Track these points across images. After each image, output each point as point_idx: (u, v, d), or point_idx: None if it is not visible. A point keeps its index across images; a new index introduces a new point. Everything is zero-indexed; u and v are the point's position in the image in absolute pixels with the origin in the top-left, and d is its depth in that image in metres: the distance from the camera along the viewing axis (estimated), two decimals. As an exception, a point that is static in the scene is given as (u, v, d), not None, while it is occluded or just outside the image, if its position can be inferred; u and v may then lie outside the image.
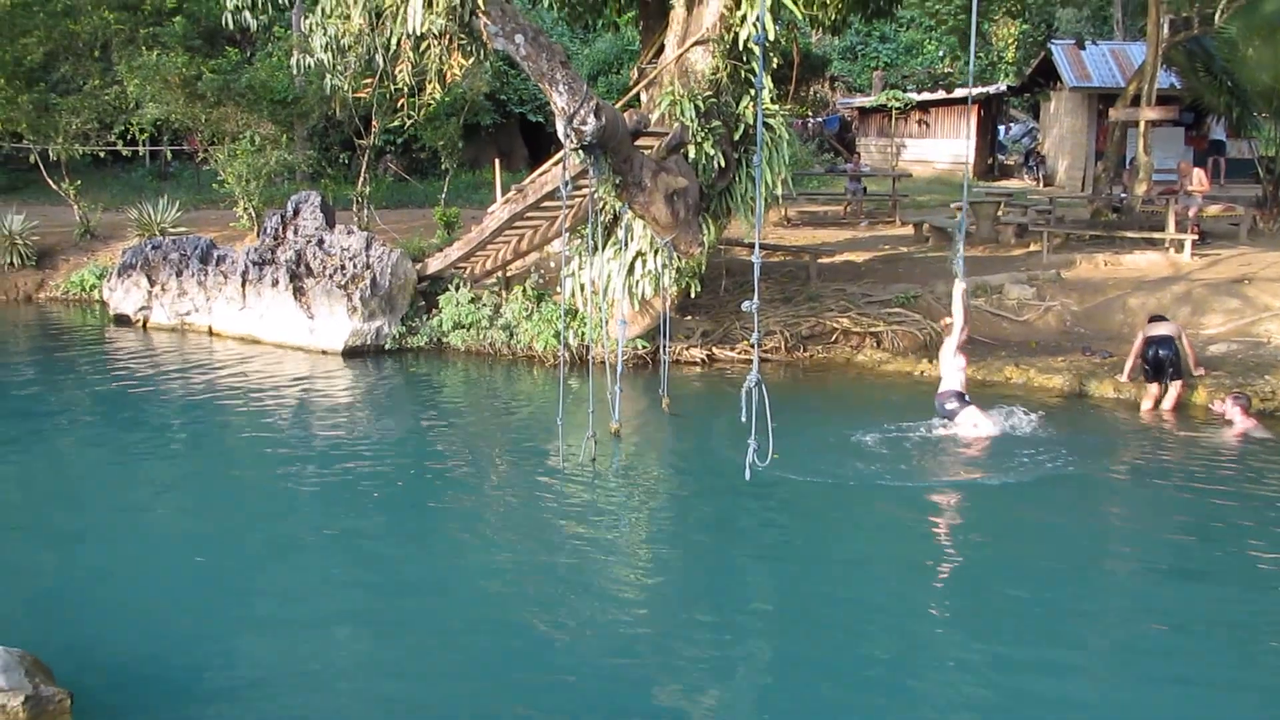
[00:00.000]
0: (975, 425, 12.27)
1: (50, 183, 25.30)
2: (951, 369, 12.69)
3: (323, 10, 12.40)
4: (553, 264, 17.74)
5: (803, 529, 10.04)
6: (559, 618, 8.06)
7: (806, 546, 9.63)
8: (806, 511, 10.36)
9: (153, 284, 19.69)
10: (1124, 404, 13.74)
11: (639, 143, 12.29)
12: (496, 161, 21.41)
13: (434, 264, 17.69)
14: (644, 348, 15.72)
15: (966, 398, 12.53)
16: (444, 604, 8.40)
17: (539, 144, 35.26)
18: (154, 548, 9.67)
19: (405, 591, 8.67)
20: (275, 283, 17.66)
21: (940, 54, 41.89)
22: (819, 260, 19.04)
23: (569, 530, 9.87)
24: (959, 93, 36.21)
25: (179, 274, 19.37)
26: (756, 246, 7.50)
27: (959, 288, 12.50)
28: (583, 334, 15.42)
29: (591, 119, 10.35)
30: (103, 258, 23.38)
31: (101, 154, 26.31)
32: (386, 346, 17.03)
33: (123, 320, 19.94)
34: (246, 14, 14.90)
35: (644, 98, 15.10)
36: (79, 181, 25.53)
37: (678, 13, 14.39)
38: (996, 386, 14.43)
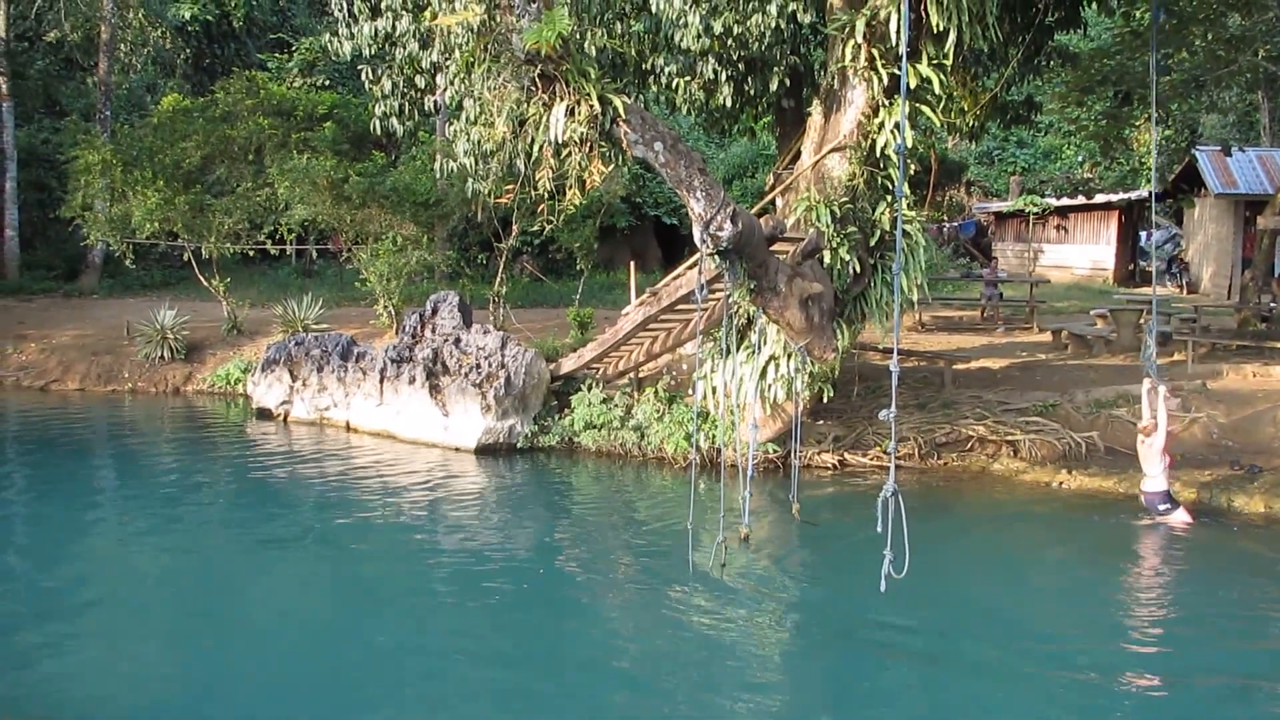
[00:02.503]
0: (1183, 526, 12.84)
1: (202, 279, 26.27)
2: (1156, 469, 12.95)
3: (467, 118, 12.75)
4: (685, 366, 17.77)
5: (939, 645, 9.76)
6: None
7: (941, 664, 9.34)
8: (943, 627, 10.08)
9: (294, 379, 20.22)
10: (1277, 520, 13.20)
11: (774, 248, 12.29)
12: (631, 264, 21.64)
13: (567, 364, 17.86)
14: (775, 452, 15.60)
15: (1171, 494, 13.06)
16: (572, 703, 8.33)
17: (673, 246, 35.64)
18: (281, 640, 9.83)
19: (527, 693, 8.62)
20: (412, 380, 17.99)
21: (1079, 159, 41.43)
22: (954, 366, 18.77)
23: (696, 636, 9.75)
24: (1100, 198, 35.76)
25: (320, 370, 19.85)
26: (894, 355, 7.40)
27: (1146, 387, 13.28)
28: (714, 437, 15.37)
29: (728, 225, 10.39)
30: (248, 352, 24.10)
31: (250, 252, 27.25)
32: (519, 445, 17.18)
33: (264, 414, 20.45)
34: (394, 120, 15.47)
35: (779, 203, 15.16)
36: (228, 279, 26.46)
37: (815, 119, 14.49)
38: (1139, 499, 13.99)
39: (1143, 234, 38.22)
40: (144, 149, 25.46)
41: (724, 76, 15.50)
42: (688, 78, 15.84)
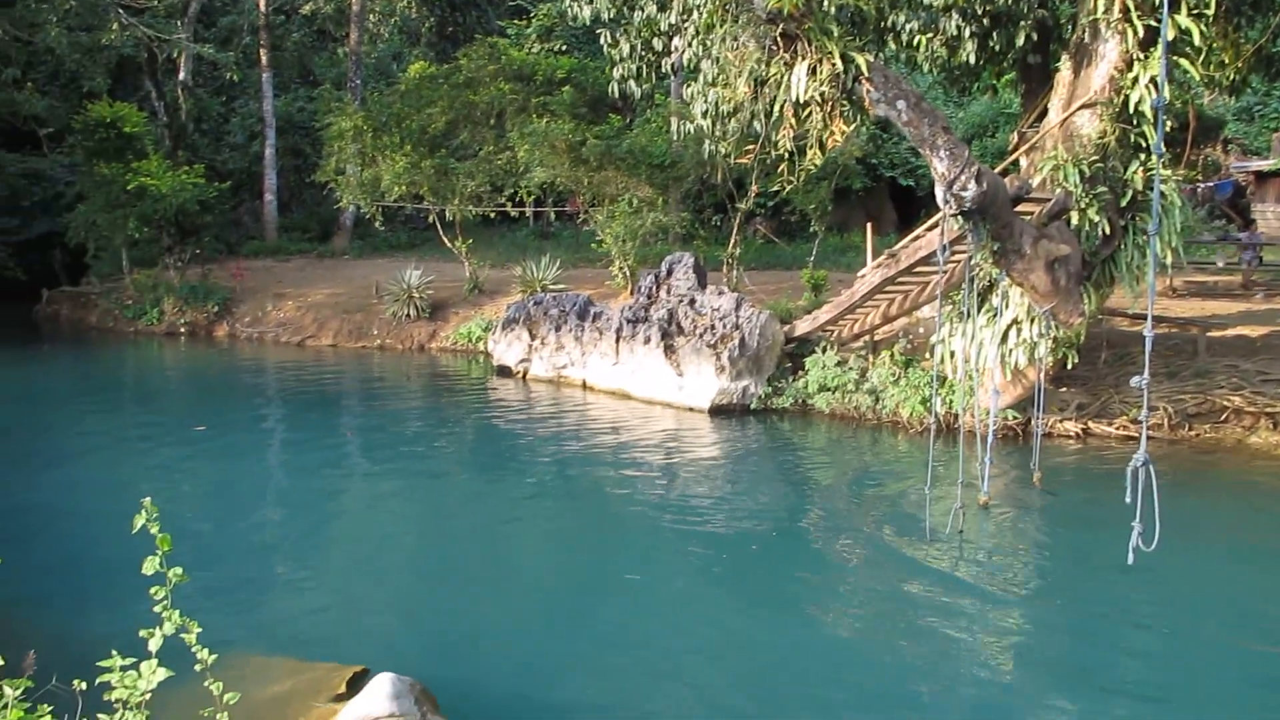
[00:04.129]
0: None
1: (445, 241, 27.21)
2: None
3: (705, 79, 12.77)
4: (922, 330, 17.48)
5: (1190, 624, 9.35)
6: (915, 691, 7.84)
7: (1191, 642, 8.96)
8: (1195, 604, 9.67)
9: (533, 338, 20.75)
10: None
11: (1019, 208, 11.97)
12: (868, 225, 21.33)
13: (802, 326, 17.79)
14: (1014, 418, 15.22)
15: None
16: (800, 664, 8.34)
17: (908, 208, 34.95)
18: (526, 586, 10.18)
19: (752, 649, 8.65)
20: (647, 340, 18.23)
21: (1350, 114, 38.75)
22: (1208, 334, 17.87)
23: (931, 603, 9.60)
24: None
25: (558, 329, 20.32)
26: (1149, 320, 7.10)
27: None
28: (951, 402, 15.10)
29: (972, 185, 10.17)
30: (488, 311, 24.85)
31: (491, 214, 27.99)
32: (752, 406, 17.23)
33: (504, 371, 21.08)
34: (631, 83, 15.57)
35: (1024, 162, 14.71)
36: (470, 240, 27.28)
37: (1063, 75, 13.96)
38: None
39: None
40: (392, 115, 26.43)
41: (967, 32, 15.05)
42: (929, 34, 15.46)
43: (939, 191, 10.41)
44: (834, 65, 10.37)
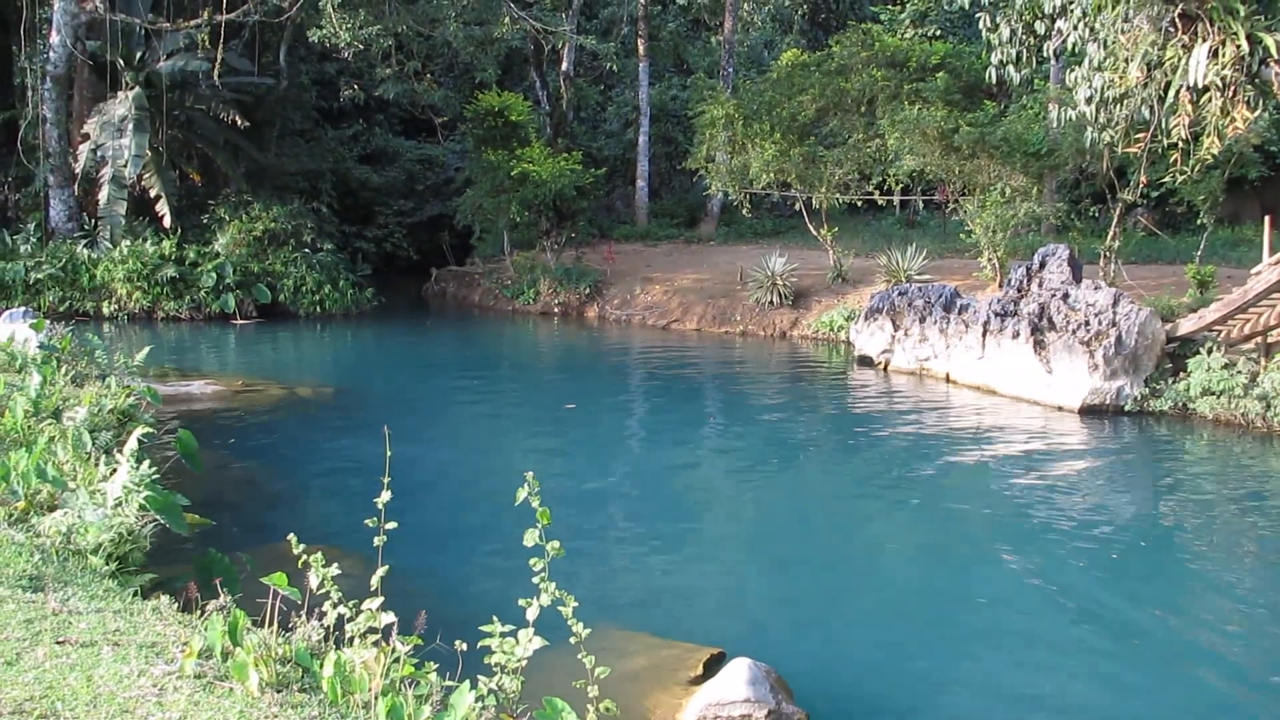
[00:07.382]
0: None
1: (810, 228, 27.25)
2: None
3: (1091, 63, 12.22)
4: (1324, 333, 16.11)
5: None
6: None
7: None
8: None
9: (896, 328, 20.48)
10: None
11: None
12: (1266, 218, 19.81)
13: (1185, 325, 16.74)
14: None
15: None
16: (1167, 682, 7.84)
17: (1311, 200, 32.22)
18: (884, 580, 10.09)
19: (1112, 676, 8.15)
20: (1016, 335, 17.64)
21: None
22: None
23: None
24: None
25: (921, 320, 19.96)
26: None
27: None
28: (1356, 413, 13.86)
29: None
30: (851, 300, 24.73)
31: (857, 202, 27.82)
32: (1126, 408, 16.37)
33: (865, 361, 20.92)
34: (1010, 68, 15.09)
35: None
36: (835, 228, 27.21)
37: None
38: None
39: None
40: (763, 103, 26.74)
41: (1394, 8, 13.74)
42: (1348, 11, 14.20)
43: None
44: (1239, 46, 9.68)
